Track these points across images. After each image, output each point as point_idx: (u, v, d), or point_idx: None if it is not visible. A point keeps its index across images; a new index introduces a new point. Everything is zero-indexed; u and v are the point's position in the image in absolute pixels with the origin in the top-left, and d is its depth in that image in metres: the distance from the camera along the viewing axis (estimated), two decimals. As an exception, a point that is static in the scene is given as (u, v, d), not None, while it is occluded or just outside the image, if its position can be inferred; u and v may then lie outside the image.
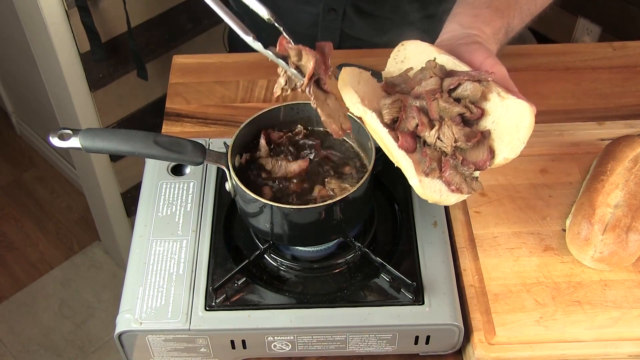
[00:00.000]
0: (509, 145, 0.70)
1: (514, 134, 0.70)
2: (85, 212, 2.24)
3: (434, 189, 0.70)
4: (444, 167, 0.70)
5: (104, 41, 1.55)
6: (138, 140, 0.78)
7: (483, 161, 0.71)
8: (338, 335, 0.79)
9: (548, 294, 0.82)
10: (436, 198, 0.70)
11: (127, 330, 0.78)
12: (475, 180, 0.72)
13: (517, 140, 0.70)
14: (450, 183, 0.70)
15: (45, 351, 2.01)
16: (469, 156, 0.71)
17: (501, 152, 0.71)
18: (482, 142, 0.71)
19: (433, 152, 0.71)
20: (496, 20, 0.84)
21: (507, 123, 0.71)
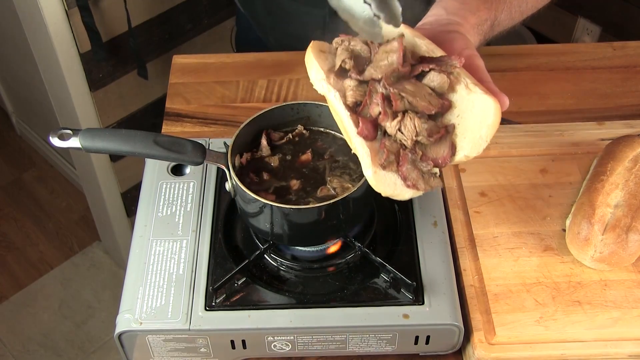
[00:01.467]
0: (471, 142, 0.66)
1: (476, 131, 0.66)
2: (85, 212, 2.24)
3: (389, 182, 0.67)
4: (401, 162, 0.67)
5: (105, 41, 1.55)
6: (138, 140, 0.78)
7: (443, 158, 0.67)
8: (338, 335, 0.79)
9: (548, 294, 0.82)
10: (389, 192, 0.67)
11: (127, 330, 0.78)
12: (434, 176, 0.68)
13: (479, 139, 0.66)
14: (407, 178, 0.67)
15: (45, 351, 2.01)
16: (429, 152, 0.67)
17: (462, 149, 0.67)
18: (444, 137, 0.67)
19: (392, 143, 0.67)
20: (483, 10, 0.82)
21: (471, 119, 0.67)
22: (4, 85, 2.38)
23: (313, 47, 0.74)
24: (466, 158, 0.67)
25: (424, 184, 0.67)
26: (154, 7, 1.64)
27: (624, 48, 1.20)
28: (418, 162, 0.67)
